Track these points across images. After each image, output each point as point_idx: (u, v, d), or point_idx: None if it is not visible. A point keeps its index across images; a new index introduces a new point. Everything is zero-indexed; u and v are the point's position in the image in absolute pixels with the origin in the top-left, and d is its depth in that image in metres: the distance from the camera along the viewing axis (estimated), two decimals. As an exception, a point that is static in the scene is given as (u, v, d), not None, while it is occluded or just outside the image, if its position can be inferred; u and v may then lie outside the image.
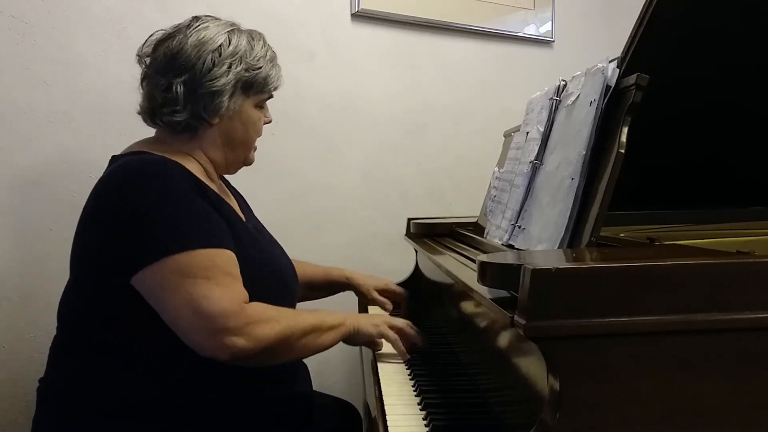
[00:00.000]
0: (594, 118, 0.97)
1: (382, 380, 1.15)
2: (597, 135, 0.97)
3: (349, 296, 1.62)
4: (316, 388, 1.38)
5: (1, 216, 1.56)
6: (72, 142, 1.63)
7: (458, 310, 1.21)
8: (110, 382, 1.07)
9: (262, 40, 1.22)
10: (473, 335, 1.09)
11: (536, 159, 1.15)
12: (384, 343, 1.27)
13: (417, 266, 1.77)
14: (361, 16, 2.01)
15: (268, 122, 1.26)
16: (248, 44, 1.18)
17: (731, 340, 0.69)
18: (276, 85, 1.23)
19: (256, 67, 1.17)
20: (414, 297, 1.63)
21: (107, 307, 1.07)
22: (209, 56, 1.13)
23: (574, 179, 0.97)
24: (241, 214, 1.24)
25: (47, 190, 1.60)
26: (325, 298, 1.60)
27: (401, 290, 1.61)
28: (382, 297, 1.56)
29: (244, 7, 1.82)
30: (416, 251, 1.75)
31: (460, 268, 1.10)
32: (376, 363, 1.24)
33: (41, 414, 1.13)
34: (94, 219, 1.08)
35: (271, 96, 1.25)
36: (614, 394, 0.67)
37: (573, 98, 1.08)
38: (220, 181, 1.27)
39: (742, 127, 1.26)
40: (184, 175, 1.09)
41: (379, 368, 1.21)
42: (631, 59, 1.02)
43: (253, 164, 1.29)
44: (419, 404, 1.04)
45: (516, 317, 0.68)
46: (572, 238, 0.95)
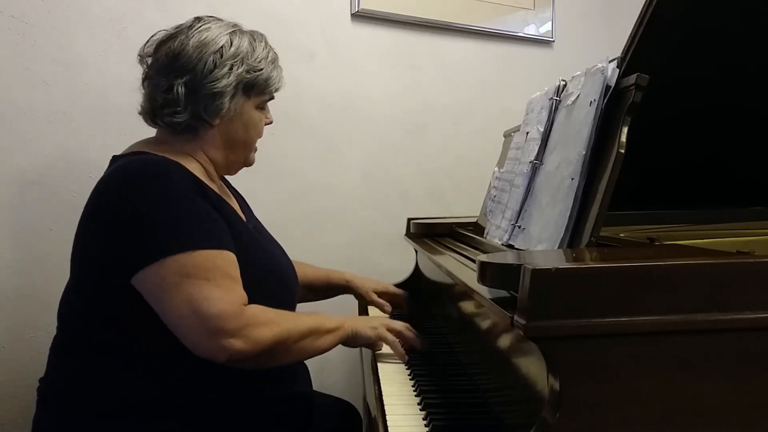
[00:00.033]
0: (594, 118, 0.97)
1: (382, 380, 1.15)
2: (597, 135, 0.97)
3: (349, 298, 1.62)
4: (316, 388, 1.38)
5: (1, 216, 1.56)
6: (72, 142, 1.63)
7: (458, 310, 1.21)
8: (110, 382, 1.07)
9: (264, 42, 1.22)
10: (473, 335, 1.09)
11: (536, 159, 1.15)
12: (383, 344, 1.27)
13: (417, 266, 1.77)
14: (361, 16, 2.01)
15: (269, 123, 1.26)
16: (250, 45, 1.17)
17: (731, 340, 0.69)
18: (277, 87, 1.23)
19: (257, 68, 1.17)
20: (414, 297, 1.63)
21: (107, 307, 1.07)
22: (211, 57, 1.13)
23: (574, 179, 0.97)
24: (241, 215, 1.23)
25: (47, 190, 1.60)
26: (325, 300, 1.61)
27: (400, 292, 1.61)
28: (381, 299, 1.57)
29: (244, 7, 1.82)
30: (416, 251, 1.76)
31: (460, 268, 1.10)
32: (376, 363, 1.24)
33: (41, 414, 1.13)
34: (94, 219, 1.08)
35: (272, 97, 1.25)
36: (614, 394, 0.67)
37: (573, 98, 1.08)
38: (221, 182, 1.27)
39: (742, 127, 1.26)
40: (185, 175, 1.09)
41: (379, 368, 1.21)
42: (631, 59, 1.02)
43: (253, 164, 1.29)
44: (419, 404, 1.04)
45: (516, 317, 0.68)
46: (572, 238, 0.95)
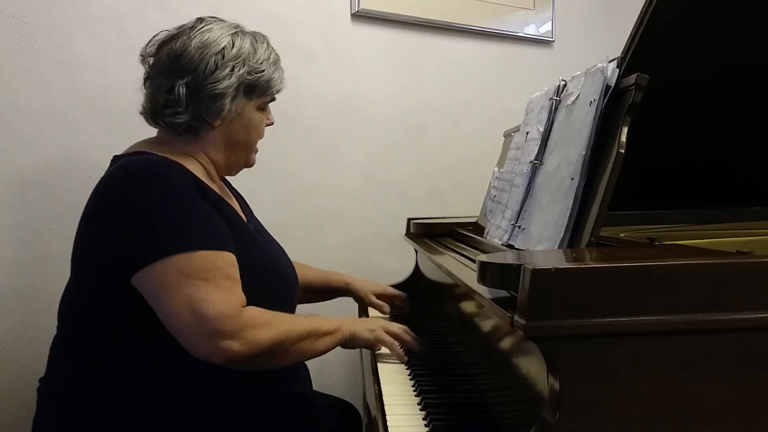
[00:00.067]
0: (594, 118, 0.97)
1: (382, 380, 1.15)
2: (597, 135, 0.97)
3: (349, 299, 1.62)
4: (316, 388, 1.38)
5: (1, 216, 1.56)
6: (72, 142, 1.63)
7: (458, 310, 1.21)
8: (110, 382, 1.07)
9: (266, 43, 1.22)
10: (473, 335, 1.09)
11: (536, 159, 1.15)
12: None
13: (417, 266, 1.77)
14: (361, 16, 2.01)
15: (270, 124, 1.26)
16: (252, 47, 1.17)
17: (731, 340, 0.68)
18: (279, 88, 1.23)
19: (258, 70, 1.17)
20: (414, 297, 1.64)
21: (108, 307, 1.07)
22: (212, 58, 1.12)
23: (574, 179, 0.97)
24: (242, 215, 1.24)
25: (47, 190, 1.60)
26: (324, 301, 1.61)
27: (399, 293, 1.61)
28: (380, 301, 1.57)
29: (244, 7, 1.82)
30: (416, 251, 1.75)
31: (460, 268, 1.10)
32: (376, 363, 1.24)
33: (41, 414, 1.13)
34: (95, 218, 1.08)
35: (273, 99, 1.24)
36: (614, 394, 0.67)
37: (573, 98, 1.08)
38: (221, 182, 1.27)
39: (742, 127, 1.26)
40: (186, 175, 1.09)
41: (379, 368, 1.21)
42: (631, 59, 1.02)
43: (253, 165, 1.28)
44: (419, 404, 1.04)
45: (516, 317, 0.68)
46: (572, 238, 0.95)
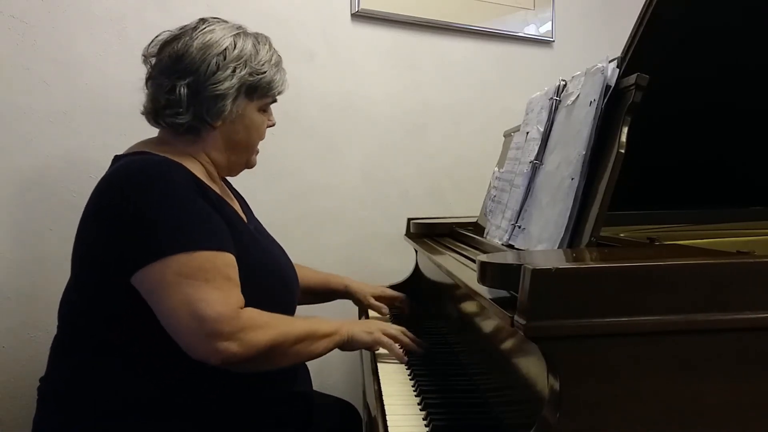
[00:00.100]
0: (594, 118, 0.97)
1: (382, 380, 1.15)
2: (597, 135, 0.97)
3: (349, 301, 1.62)
4: (316, 388, 1.38)
5: (1, 216, 1.56)
6: (72, 142, 1.63)
7: (458, 310, 1.21)
8: (110, 382, 1.07)
9: (268, 44, 1.21)
10: (473, 335, 1.09)
11: (536, 159, 1.15)
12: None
13: (417, 266, 1.77)
14: (361, 16, 2.01)
15: (272, 125, 1.26)
16: (253, 48, 1.17)
17: (731, 340, 0.69)
18: (280, 90, 1.23)
19: (260, 71, 1.17)
20: (414, 297, 1.64)
21: (108, 307, 1.07)
22: (214, 59, 1.12)
23: (574, 179, 0.97)
24: (242, 215, 1.24)
25: (47, 190, 1.60)
26: (324, 303, 1.61)
27: (398, 294, 1.62)
28: (379, 303, 1.57)
29: (244, 7, 1.82)
30: (416, 251, 1.75)
31: (460, 268, 1.10)
32: (376, 363, 1.24)
33: (41, 414, 1.13)
34: (95, 218, 1.08)
35: (275, 100, 1.24)
36: (614, 394, 0.67)
37: (573, 98, 1.08)
38: (222, 183, 1.27)
39: (742, 127, 1.26)
40: (186, 176, 1.09)
41: (379, 368, 1.21)
42: (631, 59, 1.02)
43: (254, 166, 1.28)
44: (419, 404, 1.04)
45: (516, 317, 0.68)
46: (572, 238, 0.95)
